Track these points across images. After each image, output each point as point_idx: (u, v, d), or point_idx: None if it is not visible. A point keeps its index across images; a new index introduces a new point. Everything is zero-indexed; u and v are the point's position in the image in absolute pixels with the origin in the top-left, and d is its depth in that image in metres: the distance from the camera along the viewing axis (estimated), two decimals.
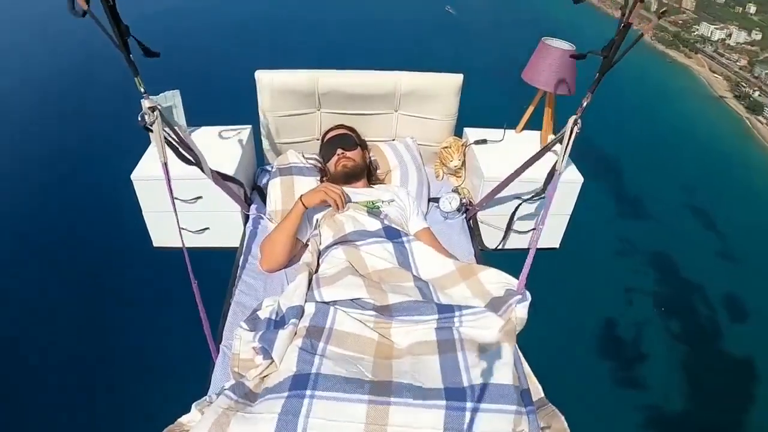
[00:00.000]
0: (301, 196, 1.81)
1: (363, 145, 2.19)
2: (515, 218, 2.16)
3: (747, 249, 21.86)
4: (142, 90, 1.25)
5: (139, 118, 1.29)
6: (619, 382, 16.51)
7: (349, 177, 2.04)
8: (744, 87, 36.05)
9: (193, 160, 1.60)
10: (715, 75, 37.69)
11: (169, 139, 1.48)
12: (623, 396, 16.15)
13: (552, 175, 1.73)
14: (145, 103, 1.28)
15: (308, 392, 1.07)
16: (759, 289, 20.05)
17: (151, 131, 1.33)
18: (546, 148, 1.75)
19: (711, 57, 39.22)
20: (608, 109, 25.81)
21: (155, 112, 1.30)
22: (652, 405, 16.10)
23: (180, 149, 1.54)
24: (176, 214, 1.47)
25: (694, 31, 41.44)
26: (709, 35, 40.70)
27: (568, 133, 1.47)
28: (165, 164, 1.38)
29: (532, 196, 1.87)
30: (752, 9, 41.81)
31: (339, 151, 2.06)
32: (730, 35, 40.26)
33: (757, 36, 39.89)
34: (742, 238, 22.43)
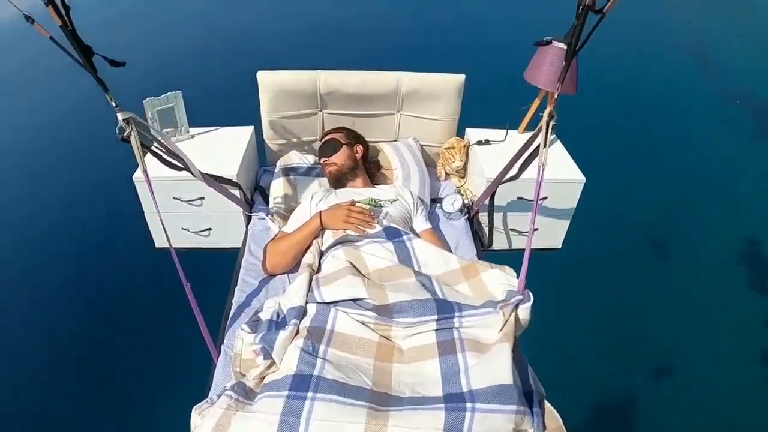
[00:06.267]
0: (322, 213, 1.79)
1: (351, 143, 2.13)
2: (508, 217, 2.15)
3: None
4: (114, 104, 1.27)
5: (117, 132, 1.31)
6: None
7: (338, 180, 2.05)
8: None
9: (180, 165, 1.60)
10: None
11: (152, 147, 1.49)
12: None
13: (530, 160, 1.70)
14: (119, 116, 1.29)
15: (309, 394, 1.07)
16: None
17: (129, 143, 1.34)
18: (527, 144, 1.71)
19: None
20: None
21: (130, 125, 1.32)
22: None
23: (164, 156, 1.55)
24: (160, 217, 1.48)
25: None
26: None
27: (544, 126, 1.47)
28: (145, 172, 1.40)
29: (506, 180, 1.86)
30: None
31: (322, 160, 2.10)
32: None
33: None
34: None
